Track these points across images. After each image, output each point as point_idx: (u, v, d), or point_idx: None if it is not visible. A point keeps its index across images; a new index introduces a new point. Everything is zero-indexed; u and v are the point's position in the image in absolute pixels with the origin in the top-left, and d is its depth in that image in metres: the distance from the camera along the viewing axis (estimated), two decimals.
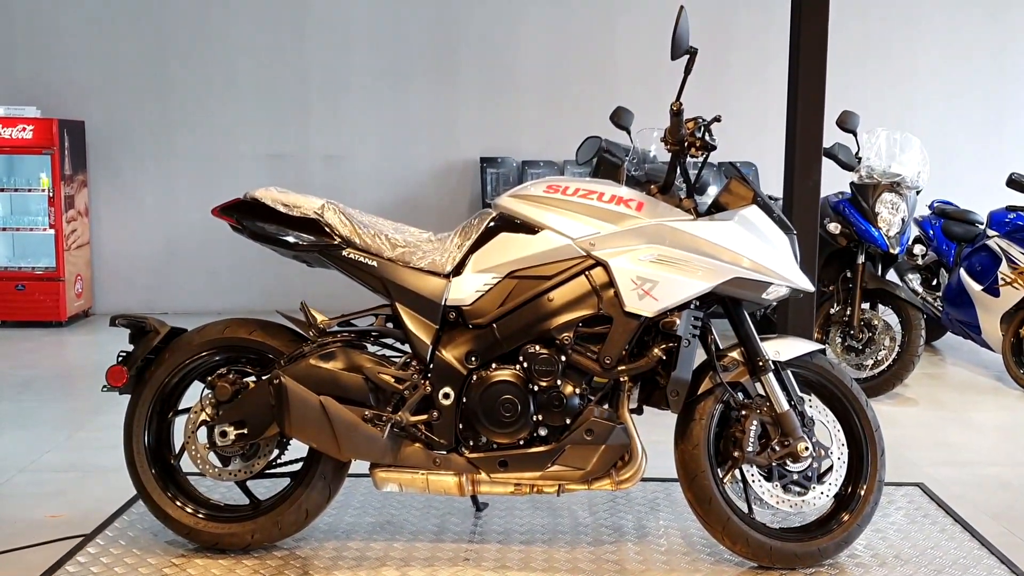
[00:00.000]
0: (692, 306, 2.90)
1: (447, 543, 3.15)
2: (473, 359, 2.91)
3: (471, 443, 2.92)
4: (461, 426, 2.92)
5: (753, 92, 7.59)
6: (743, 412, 2.95)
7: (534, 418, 2.88)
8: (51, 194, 7.37)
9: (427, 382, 2.91)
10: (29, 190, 7.44)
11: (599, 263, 2.88)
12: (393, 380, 2.92)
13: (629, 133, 4.11)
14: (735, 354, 3.00)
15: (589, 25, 7.80)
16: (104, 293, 7.97)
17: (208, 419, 3.00)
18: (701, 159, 2.94)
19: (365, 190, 7.74)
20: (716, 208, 2.96)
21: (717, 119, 2.89)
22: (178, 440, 3.10)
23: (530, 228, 2.94)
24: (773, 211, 2.95)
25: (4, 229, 7.52)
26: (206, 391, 3.03)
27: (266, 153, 7.84)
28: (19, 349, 6.57)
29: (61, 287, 7.39)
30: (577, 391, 2.88)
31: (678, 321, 2.85)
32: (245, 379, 3.02)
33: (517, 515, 3.39)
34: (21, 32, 7.70)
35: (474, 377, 2.90)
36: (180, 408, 3.13)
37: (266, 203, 3.00)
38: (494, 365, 2.91)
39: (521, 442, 2.90)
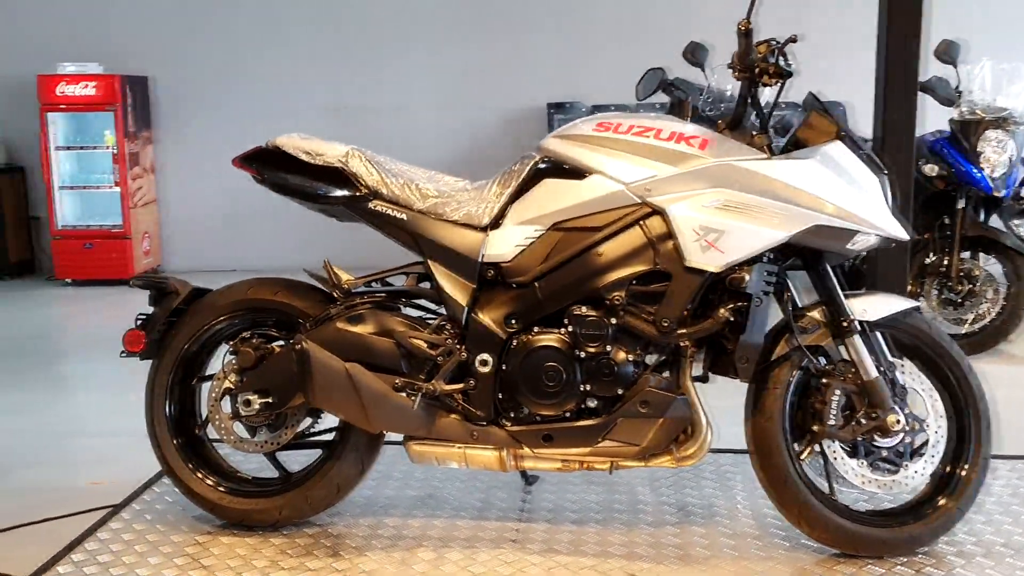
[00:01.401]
0: (765, 259, 2.54)
1: (491, 521, 2.89)
2: (513, 322, 2.61)
3: (512, 415, 2.63)
4: (501, 396, 2.62)
5: (839, 20, 6.99)
6: (824, 380, 2.59)
7: (581, 388, 2.57)
8: (116, 151, 7.33)
9: (463, 347, 2.62)
10: (95, 148, 7.43)
11: (656, 211, 2.53)
12: (426, 345, 2.63)
13: (704, 70, 3.77)
14: (816, 313, 2.63)
15: None
16: (172, 251, 7.95)
17: (232, 387, 2.78)
18: (777, 88, 2.54)
19: (426, 141, 7.48)
20: (794, 146, 2.57)
21: (793, 39, 2.47)
22: (204, 408, 2.89)
23: (578, 173, 2.60)
24: (861, 148, 2.55)
25: (72, 188, 7.52)
26: (229, 357, 2.81)
27: (331, 105, 7.64)
28: (86, 308, 6.56)
29: (128, 245, 7.37)
30: (630, 358, 2.56)
31: (748, 277, 2.49)
32: (271, 344, 2.79)
33: (570, 491, 3.10)
34: None
35: (514, 342, 2.60)
36: (205, 374, 2.92)
37: (287, 151, 2.74)
38: (536, 329, 2.60)
39: (567, 414, 2.60)
